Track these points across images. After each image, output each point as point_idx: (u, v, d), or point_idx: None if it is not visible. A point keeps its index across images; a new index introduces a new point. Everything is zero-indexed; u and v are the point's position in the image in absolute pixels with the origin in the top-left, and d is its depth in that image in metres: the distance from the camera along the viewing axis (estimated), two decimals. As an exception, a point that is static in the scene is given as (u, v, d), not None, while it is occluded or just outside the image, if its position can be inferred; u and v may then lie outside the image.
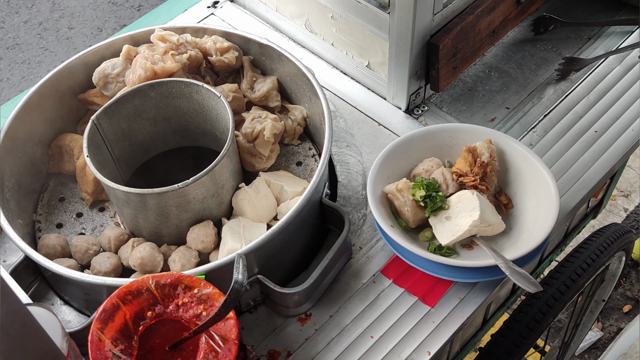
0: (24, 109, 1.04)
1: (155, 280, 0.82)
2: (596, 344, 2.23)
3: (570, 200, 1.08)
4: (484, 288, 0.97)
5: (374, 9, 1.09)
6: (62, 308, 0.99)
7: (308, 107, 1.12)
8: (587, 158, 1.13)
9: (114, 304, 0.80)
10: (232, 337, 0.79)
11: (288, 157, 1.13)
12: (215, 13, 1.40)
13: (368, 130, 1.18)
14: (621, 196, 2.58)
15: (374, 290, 0.98)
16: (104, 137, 1.01)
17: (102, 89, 1.09)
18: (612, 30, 1.33)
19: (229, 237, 0.95)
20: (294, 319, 0.96)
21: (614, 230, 1.45)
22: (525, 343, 1.21)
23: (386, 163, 1.03)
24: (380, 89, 1.22)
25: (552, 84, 1.25)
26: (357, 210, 1.07)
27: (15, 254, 1.03)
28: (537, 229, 0.95)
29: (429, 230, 0.99)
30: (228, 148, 0.94)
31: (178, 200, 0.92)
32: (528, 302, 1.26)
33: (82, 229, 1.06)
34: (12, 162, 1.02)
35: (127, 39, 1.12)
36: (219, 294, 0.82)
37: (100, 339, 0.77)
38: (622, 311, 2.31)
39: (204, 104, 1.04)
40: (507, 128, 1.18)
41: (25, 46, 3.22)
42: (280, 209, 1.02)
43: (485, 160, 1.00)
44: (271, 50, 1.12)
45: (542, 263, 1.42)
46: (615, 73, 1.25)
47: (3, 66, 3.14)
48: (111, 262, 0.97)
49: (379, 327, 0.94)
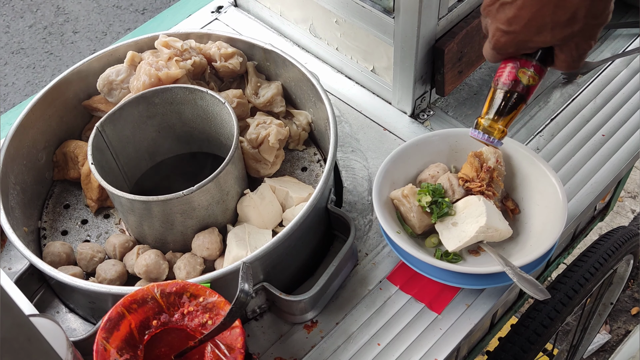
0: (29, 116, 1.03)
1: (160, 288, 0.81)
2: (604, 346, 2.22)
3: (578, 205, 1.07)
4: (492, 294, 0.97)
5: (378, 13, 1.08)
6: (68, 316, 0.99)
7: (313, 112, 1.12)
8: (594, 162, 1.12)
9: (119, 313, 0.79)
10: (237, 346, 0.78)
11: (293, 163, 1.12)
12: (220, 18, 1.40)
13: (373, 135, 1.17)
14: (628, 197, 2.57)
15: (381, 297, 0.97)
16: (109, 143, 1.01)
17: (106, 95, 1.09)
18: (619, 32, 1.32)
19: (234, 244, 0.95)
20: (300, 326, 0.95)
21: (621, 234, 1.44)
22: (534, 348, 1.20)
23: (392, 168, 1.02)
24: (386, 94, 1.22)
25: (558, 87, 1.24)
26: (363, 216, 1.06)
27: (21, 261, 1.03)
28: (544, 235, 0.94)
29: (435, 236, 0.98)
30: (233, 154, 0.93)
31: (183, 207, 0.92)
32: (536, 307, 1.25)
33: (87, 236, 1.06)
34: (17, 169, 1.02)
35: (131, 45, 1.12)
36: (225, 302, 0.81)
37: (106, 349, 0.77)
38: (630, 313, 2.29)
39: (208, 110, 1.04)
40: (514, 132, 1.17)
41: (30, 50, 3.23)
42: (285, 215, 1.02)
43: (492, 166, 0.99)
44: (275, 55, 1.11)
45: (549, 266, 1.41)
46: (622, 76, 1.24)
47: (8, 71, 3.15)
48: (116, 269, 0.97)
49: (385, 334, 0.93)
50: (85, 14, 3.36)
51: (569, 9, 0.74)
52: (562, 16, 0.75)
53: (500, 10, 0.78)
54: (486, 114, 0.87)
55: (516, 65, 0.83)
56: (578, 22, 0.75)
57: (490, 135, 0.87)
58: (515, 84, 0.84)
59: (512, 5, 0.77)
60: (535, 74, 0.83)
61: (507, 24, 0.78)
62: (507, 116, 0.86)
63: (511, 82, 0.84)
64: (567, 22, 0.75)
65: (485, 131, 0.87)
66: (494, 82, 0.86)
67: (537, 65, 0.83)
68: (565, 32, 0.76)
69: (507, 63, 0.84)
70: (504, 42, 0.80)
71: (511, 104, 0.85)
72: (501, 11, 0.78)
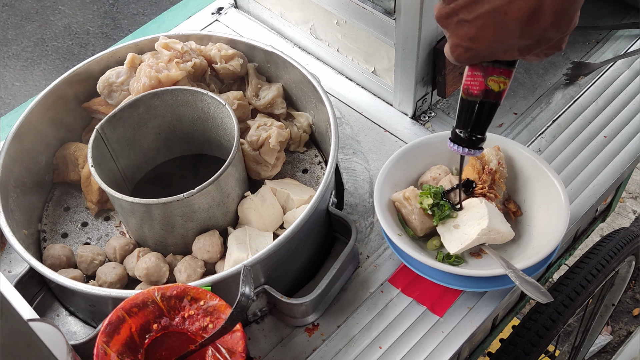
0: (28, 119, 1.03)
1: (161, 292, 0.81)
2: (606, 347, 2.22)
3: (580, 207, 1.07)
4: (494, 297, 0.96)
5: (379, 14, 1.08)
6: (68, 319, 0.99)
7: (314, 113, 1.11)
8: (596, 164, 1.12)
9: (119, 317, 0.79)
10: (239, 350, 0.78)
11: (294, 165, 1.12)
12: (220, 19, 1.40)
13: (374, 136, 1.17)
14: (630, 198, 2.56)
15: (382, 299, 0.97)
16: (109, 146, 1.00)
17: (106, 97, 1.08)
18: (620, 33, 1.31)
19: (235, 246, 0.95)
20: (302, 330, 0.95)
21: (623, 235, 1.44)
22: (536, 350, 1.20)
23: (393, 170, 1.02)
24: (387, 95, 1.21)
25: (560, 88, 1.24)
26: (364, 219, 1.06)
27: (21, 264, 1.02)
28: (547, 237, 0.94)
29: (437, 238, 0.98)
30: (233, 156, 0.93)
31: (183, 209, 0.92)
32: (537, 309, 1.25)
33: (88, 239, 1.05)
34: (17, 172, 1.01)
35: (131, 47, 1.12)
36: (226, 305, 0.81)
37: (106, 353, 0.76)
38: (632, 314, 2.29)
39: (208, 112, 1.03)
40: (515, 134, 1.17)
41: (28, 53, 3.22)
42: (286, 218, 1.01)
43: (494, 168, 0.99)
44: (276, 57, 1.11)
45: (550, 268, 1.41)
46: (624, 77, 1.24)
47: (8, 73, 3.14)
48: (117, 272, 0.97)
49: (387, 337, 0.93)
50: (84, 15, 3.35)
51: (535, 33, 0.68)
52: (529, 39, 0.69)
53: (459, 26, 0.70)
54: (461, 126, 0.83)
55: (483, 72, 0.78)
56: (545, 42, 0.69)
57: (469, 149, 0.84)
58: (487, 94, 0.79)
59: (472, 25, 0.69)
60: (505, 77, 0.78)
61: (469, 42, 0.71)
62: (483, 126, 0.82)
63: (482, 92, 0.79)
64: (535, 42, 0.69)
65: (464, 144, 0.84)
66: (464, 92, 0.81)
67: (505, 69, 0.77)
68: (533, 49, 0.70)
69: (474, 71, 0.79)
70: (466, 57, 0.73)
71: (485, 113, 0.81)
72: (460, 28, 0.70)
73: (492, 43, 0.70)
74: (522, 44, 0.70)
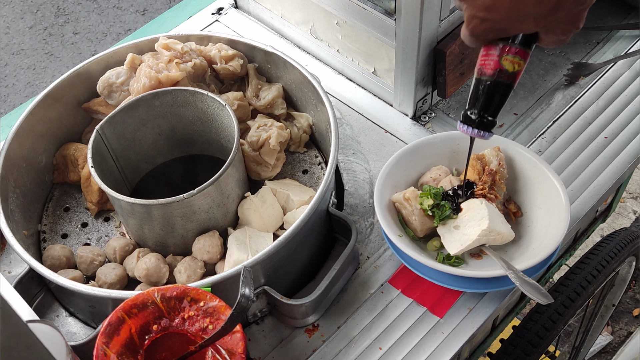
0: (28, 119, 1.03)
1: (160, 293, 0.81)
2: (606, 348, 2.21)
3: (581, 208, 1.07)
4: (494, 298, 0.96)
5: (380, 15, 1.08)
6: (68, 320, 0.99)
7: (314, 114, 1.11)
8: (597, 164, 1.12)
9: (119, 318, 0.79)
10: (238, 351, 0.78)
11: (294, 165, 1.12)
12: (220, 20, 1.39)
13: (375, 137, 1.17)
14: (630, 198, 2.56)
15: (382, 300, 0.97)
16: (109, 146, 1.00)
17: (106, 98, 1.08)
18: (621, 34, 1.31)
19: (235, 247, 0.95)
20: (302, 330, 0.95)
21: (624, 236, 1.43)
22: (536, 351, 1.20)
23: (393, 171, 1.02)
24: (387, 96, 1.21)
25: (560, 89, 1.23)
26: (365, 219, 1.06)
27: (21, 264, 1.02)
28: (547, 238, 0.94)
29: (437, 239, 0.98)
30: (234, 157, 0.93)
31: (183, 210, 0.91)
32: (538, 310, 1.24)
33: (87, 239, 1.05)
34: (17, 172, 1.01)
35: (131, 47, 1.11)
36: (226, 306, 0.81)
37: (106, 354, 0.76)
38: (632, 315, 2.29)
39: (209, 112, 1.03)
40: (516, 135, 1.16)
41: (30, 52, 3.22)
42: (286, 218, 1.01)
43: (494, 168, 0.99)
44: (276, 57, 1.11)
45: (551, 268, 1.41)
46: (625, 78, 1.24)
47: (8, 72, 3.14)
48: (116, 273, 0.97)
49: (387, 338, 0.93)
50: (85, 15, 3.35)
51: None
52: (545, 7, 0.69)
53: None
54: (473, 106, 0.82)
55: (498, 51, 0.77)
56: (562, 10, 0.70)
57: (480, 130, 0.83)
58: (500, 74, 0.78)
59: None
60: (520, 58, 0.77)
61: (485, 12, 0.71)
62: (495, 108, 0.81)
63: (495, 71, 0.78)
64: (551, 10, 0.70)
65: (475, 125, 0.83)
66: (477, 72, 0.80)
67: (521, 50, 0.77)
68: (549, 20, 0.71)
69: (489, 50, 0.78)
70: (482, 30, 0.74)
71: (498, 94, 0.80)
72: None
73: (508, 11, 0.71)
74: (537, 11, 0.70)
